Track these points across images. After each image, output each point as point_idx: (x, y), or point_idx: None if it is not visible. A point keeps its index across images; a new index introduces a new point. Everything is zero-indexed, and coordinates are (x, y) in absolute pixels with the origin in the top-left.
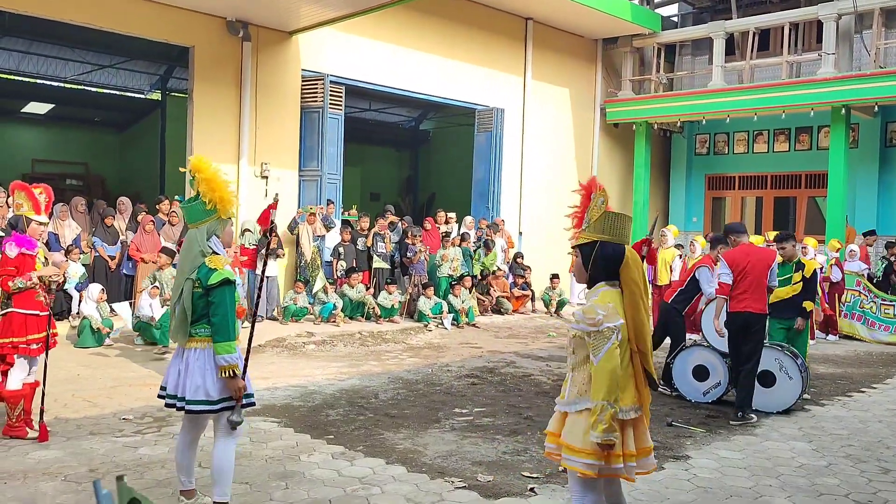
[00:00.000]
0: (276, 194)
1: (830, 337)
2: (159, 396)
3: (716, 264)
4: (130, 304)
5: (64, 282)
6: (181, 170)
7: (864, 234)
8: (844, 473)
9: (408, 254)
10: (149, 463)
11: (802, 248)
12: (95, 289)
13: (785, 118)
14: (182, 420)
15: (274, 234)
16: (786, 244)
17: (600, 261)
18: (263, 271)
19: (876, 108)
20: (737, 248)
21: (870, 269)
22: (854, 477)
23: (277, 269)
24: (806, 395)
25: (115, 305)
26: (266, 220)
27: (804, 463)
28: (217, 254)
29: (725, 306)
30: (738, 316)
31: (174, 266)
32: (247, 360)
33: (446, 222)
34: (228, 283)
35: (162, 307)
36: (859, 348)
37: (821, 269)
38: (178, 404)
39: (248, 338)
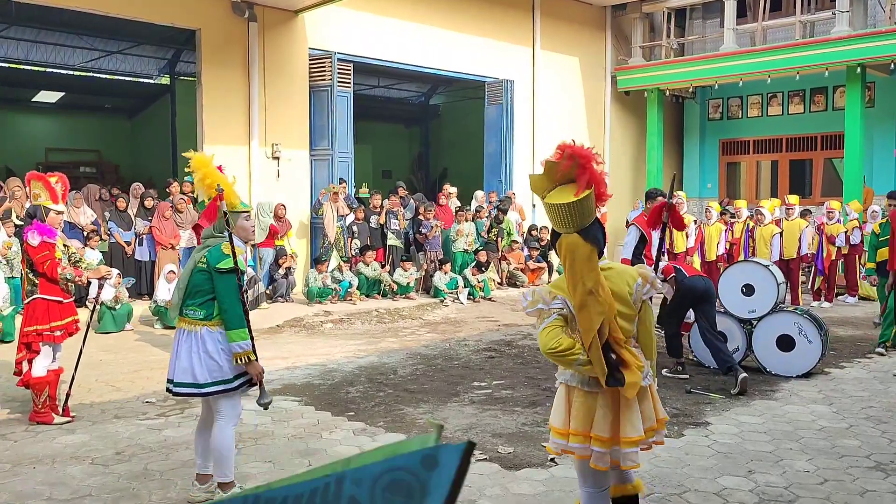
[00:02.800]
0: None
1: (849, 299)
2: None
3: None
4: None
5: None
6: (184, 154)
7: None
8: (865, 435)
9: (421, 230)
10: (173, 445)
11: (829, 211)
12: (114, 274)
13: (799, 79)
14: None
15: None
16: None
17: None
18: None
19: (892, 66)
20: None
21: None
22: (875, 438)
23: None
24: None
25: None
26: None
27: (825, 426)
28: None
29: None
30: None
31: None
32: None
33: (449, 196)
34: (233, 271)
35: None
36: (878, 309)
37: (845, 232)
38: (171, 387)
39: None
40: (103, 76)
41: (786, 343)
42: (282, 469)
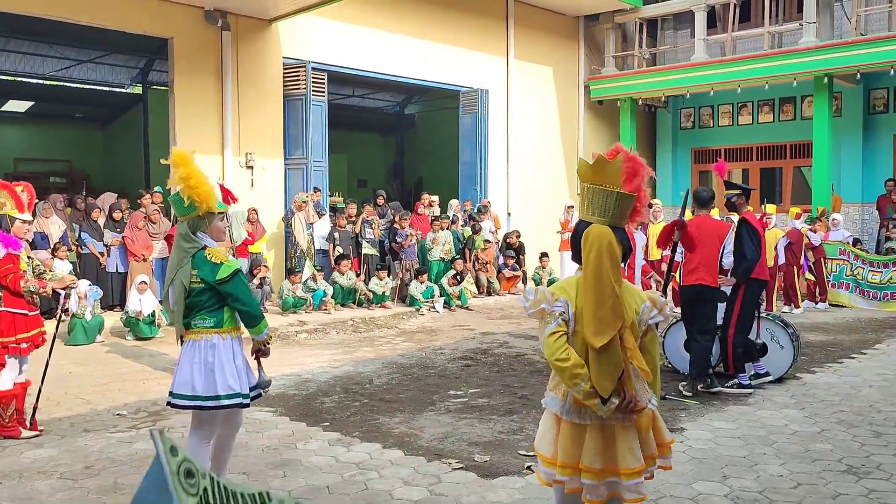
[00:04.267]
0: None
1: (820, 305)
2: None
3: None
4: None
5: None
6: (163, 161)
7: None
8: (837, 439)
9: (397, 238)
10: (144, 457)
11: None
12: (83, 285)
13: (768, 89)
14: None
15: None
16: None
17: (572, 240)
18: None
19: (858, 76)
20: (697, 220)
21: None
22: (847, 442)
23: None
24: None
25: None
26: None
27: (797, 430)
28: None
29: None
30: (692, 288)
31: None
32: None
33: (429, 205)
34: (238, 272)
35: (152, 301)
36: (848, 315)
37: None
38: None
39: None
40: (74, 85)
41: (760, 349)
42: (256, 480)
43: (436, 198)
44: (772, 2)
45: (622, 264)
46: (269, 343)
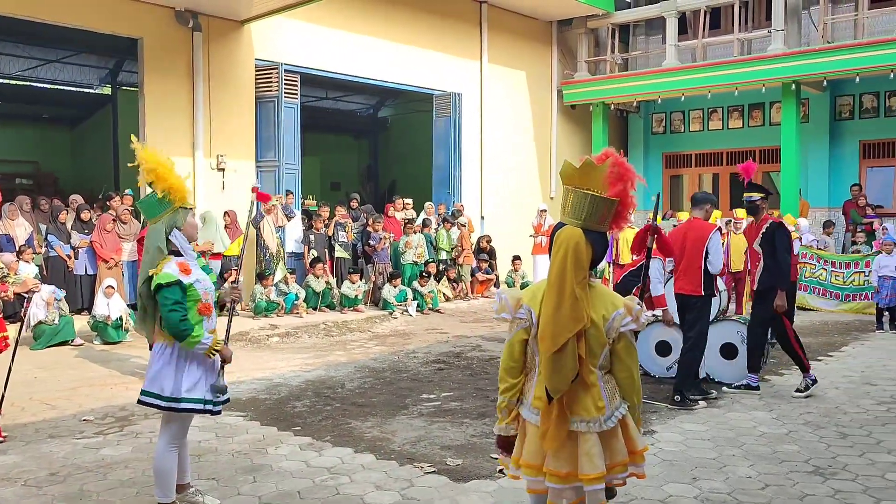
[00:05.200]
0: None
1: None
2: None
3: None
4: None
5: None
6: (130, 165)
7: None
8: (804, 440)
9: (370, 242)
10: (112, 464)
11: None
12: (46, 290)
13: (738, 95)
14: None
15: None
16: None
17: (550, 241)
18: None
19: (825, 83)
20: (679, 226)
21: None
22: (814, 443)
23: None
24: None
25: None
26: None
27: (765, 432)
28: (169, 256)
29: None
30: (676, 297)
31: None
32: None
33: (404, 208)
34: (162, 287)
35: (119, 306)
36: (815, 318)
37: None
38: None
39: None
40: (42, 85)
41: (729, 351)
42: (225, 486)
43: (409, 201)
44: (741, 9)
45: (592, 269)
46: (215, 352)
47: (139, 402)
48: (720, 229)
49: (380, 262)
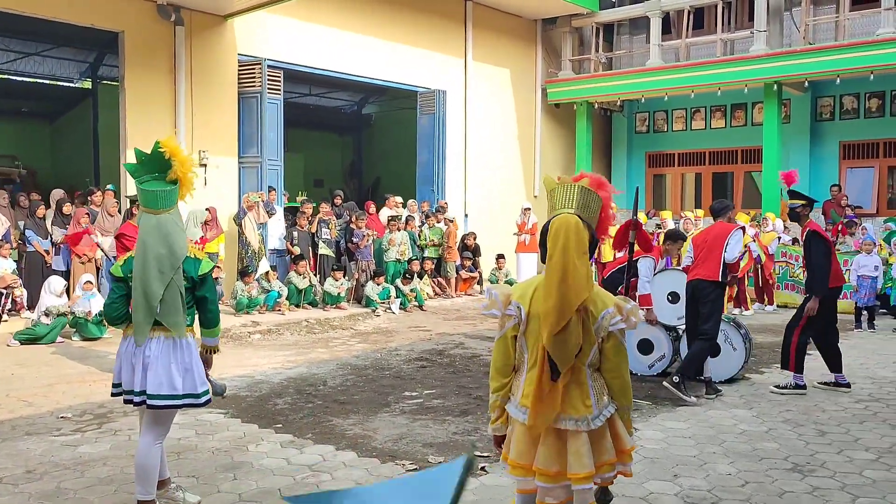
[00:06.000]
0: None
1: (767, 307)
2: (114, 394)
3: (661, 257)
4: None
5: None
6: (164, 154)
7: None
8: (784, 438)
9: (353, 239)
10: (89, 461)
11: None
12: (58, 282)
13: (721, 95)
14: (140, 417)
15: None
16: None
17: (539, 239)
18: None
19: (806, 84)
20: (706, 228)
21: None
22: (793, 441)
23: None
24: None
25: None
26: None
27: (746, 429)
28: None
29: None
30: (689, 287)
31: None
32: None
33: (395, 206)
34: (212, 271)
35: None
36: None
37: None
38: (137, 399)
39: None
40: (21, 79)
41: (713, 350)
42: (205, 483)
43: (400, 199)
44: (724, 10)
45: (590, 257)
46: (213, 353)
47: (147, 405)
48: (743, 229)
49: (363, 260)
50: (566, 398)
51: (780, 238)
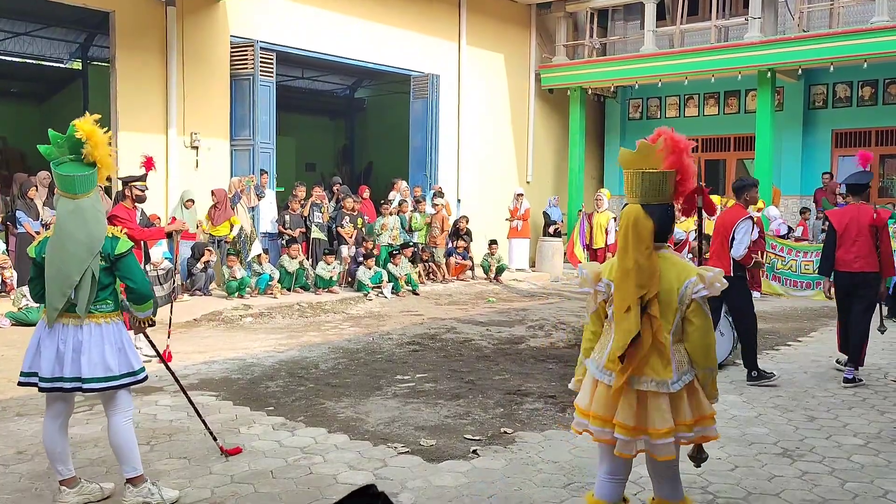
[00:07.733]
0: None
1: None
2: (25, 384)
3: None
4: None
5: None
6: (78, 136)
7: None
8: (773, 423)
9: (342, 224)
10: (80, 442)
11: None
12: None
13: (714, 82)
14: (48, 403)
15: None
16: None
17: None
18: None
19: (799, 72)
20: (723, 212)
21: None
22: (782, 426)
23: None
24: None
25: None
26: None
27: (735, 414)
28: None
29: None
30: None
31: None
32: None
33: (402, 191)
34: (132, 248)
35: None
36: (786, 304)
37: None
38: (68, 386)
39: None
40: (9, 59)
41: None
42: (197, 465)
43: (405, 184)
44: None
45: (663, 241)
46: (148, 325)
47: (84, 391)
48: (751, 218)
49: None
50: (647, 362)
51: (776, 221)
